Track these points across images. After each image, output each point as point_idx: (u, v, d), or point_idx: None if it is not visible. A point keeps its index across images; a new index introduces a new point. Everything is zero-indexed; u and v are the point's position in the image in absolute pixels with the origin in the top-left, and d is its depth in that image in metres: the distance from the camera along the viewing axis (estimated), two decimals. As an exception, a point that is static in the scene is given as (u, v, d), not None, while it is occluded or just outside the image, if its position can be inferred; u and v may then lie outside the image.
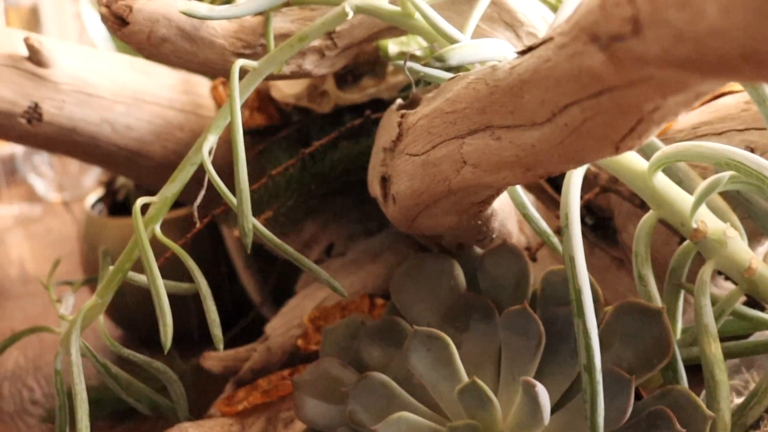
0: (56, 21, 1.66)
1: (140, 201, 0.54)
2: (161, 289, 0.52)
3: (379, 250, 0.72)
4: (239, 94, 0.53)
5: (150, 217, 0.55)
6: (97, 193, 0.94)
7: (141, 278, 0.56)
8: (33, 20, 1.61)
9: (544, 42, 0.40)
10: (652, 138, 0.51)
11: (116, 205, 0.94)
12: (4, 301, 1.02)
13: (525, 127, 0.43)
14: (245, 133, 0.75)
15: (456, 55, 0.43)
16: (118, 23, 0.57)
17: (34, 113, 0.68)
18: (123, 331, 0.93)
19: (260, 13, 0.57)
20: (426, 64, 0.43)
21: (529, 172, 0.46)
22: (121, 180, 0.93)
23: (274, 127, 0.75)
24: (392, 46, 0.69)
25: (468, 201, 0.52)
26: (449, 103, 0.48)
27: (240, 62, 0.53)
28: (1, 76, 0.67)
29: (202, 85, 0.76)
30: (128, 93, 0.71)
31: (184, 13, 0.52)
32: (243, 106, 0.77)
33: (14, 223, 1.24)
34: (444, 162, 0.49)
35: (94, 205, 0.93)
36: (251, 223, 0.51)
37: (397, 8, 0.54)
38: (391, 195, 0.55)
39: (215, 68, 0.58)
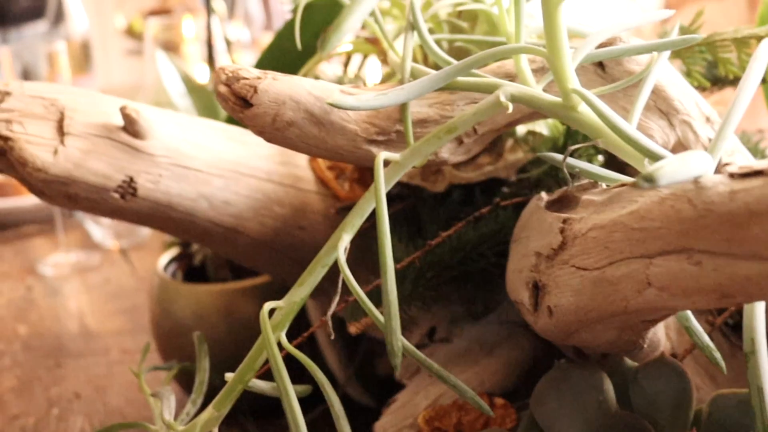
0: (105, 57, 1.62)
1: (268, 306, 0.49)
2: (296, 406, 0.46)
3: (494, 342, 0.66)
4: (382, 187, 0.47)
5: (276, 324, 0.49)
6: (170, 253, 0.89)
7: (263, 386, 0.51)
8: (83, 56, 1.57)
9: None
10: None
11: (192, 269, 0.88)
12: (64, 359, 0.97)
13: (741, 257, 0.38)
14: (346, 208, 0.70)
15: (665, 174, 0.37)
16: (240, 104, 0.51)
17: (128, 188, 0.62)
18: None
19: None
20: (633, 185, 0.37)
21: (727, 299, 0.41)
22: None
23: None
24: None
25: (639, 319, 0.47)
26: (636, 218, 0.43)
27: (383, 155, 0.48)
28: (95, 148, 0.61)
29: (299, 155, 0.70)
30: (226, 165, 0.66)
31: (330, 104, 0.46)
32: (342, 179, 0.72)
33: (71, 272, 1.18)
34: (623, 282, 0.44)
35: (166, 266, 0.88)
36: (400, 341, 0.45)
37: (557, 99, 0.48)
38: (545, 306, 0.49)
39: (344, 155, 0.53)
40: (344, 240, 0.49)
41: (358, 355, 0.82)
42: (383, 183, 0.48)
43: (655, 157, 0.45)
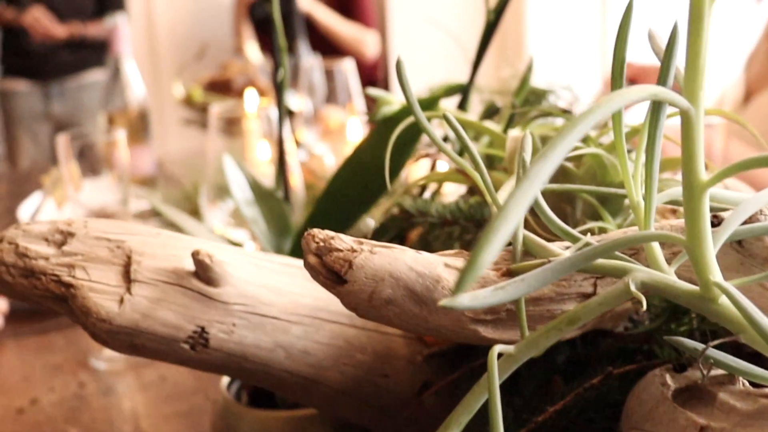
0: (162, 125, 1.59)
1: None
2: None
3: None
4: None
5: None
6: (234, 370, 0.83)
7: None
8: (141, 125, 1.53)
9: None
10: None
11: (258, 390, 0.83)
12: (118, 472, 0.92)
13: None
14: (433, 355, 0.64)
15: None
16: (333, 279, 0.46)
17: (199, 339, 0.57)
18: None
19: (510, 275, 0.46)
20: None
21: None
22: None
23: (462, 349, 0.64)
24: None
25: None
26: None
27: (497, 348, 0.42)
28: (164, 297, 0.57)
29: (382, 292, 0.65)
30: (305, 311, 0.60)
31: (443, 306, 0.41)
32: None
33: (125, 367, 1.13)
34: None
35: (230, 383, 0.82)
36: None
37: (695, 288, 0.42)
38: None
39: (447, 334, 0.48)
40: (451, 439, 0.43)
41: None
42: (497, 380, 0.42)
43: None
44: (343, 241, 0.46)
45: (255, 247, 1.01)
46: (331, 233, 0.47)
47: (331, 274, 0.46)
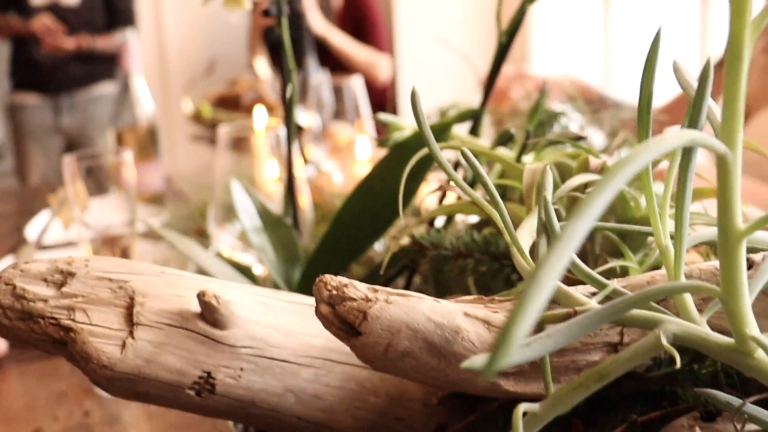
0: (170, 141, 1.57)
1: None
2: None
3: None
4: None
5: None
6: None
7: None
8: (150, 141, 1.51)
9: None
10: None
11: (266, 426, 0.80)
12: (123, 505, 0.89)
13: None
14: (448, 397, 0.62)
15: None
16: (346, 330, 0.44)
17: (205, 384, 0.55)
18: None
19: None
20: None
21: None
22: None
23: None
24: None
25: None
26: None
27: (523, 406, 0.40)
28: (168, 341, 0.54)
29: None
30: (315, 353, 0.58)
31: (465, 368, 0.38)
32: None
33: (132, 396, 1.11)
34: None
35: (237, 418, 0.80)
36: None
37: (729, 341, 0.40)
38: None
39: (467, 387, 0.45)
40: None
41: None
42: (521, 439, 0.39)
43: None
44: (357, 289, 0.44)
45: (262, 270, 0.99)
46: (345, 280, 0.45)
47: (345, 325, 0.44)
